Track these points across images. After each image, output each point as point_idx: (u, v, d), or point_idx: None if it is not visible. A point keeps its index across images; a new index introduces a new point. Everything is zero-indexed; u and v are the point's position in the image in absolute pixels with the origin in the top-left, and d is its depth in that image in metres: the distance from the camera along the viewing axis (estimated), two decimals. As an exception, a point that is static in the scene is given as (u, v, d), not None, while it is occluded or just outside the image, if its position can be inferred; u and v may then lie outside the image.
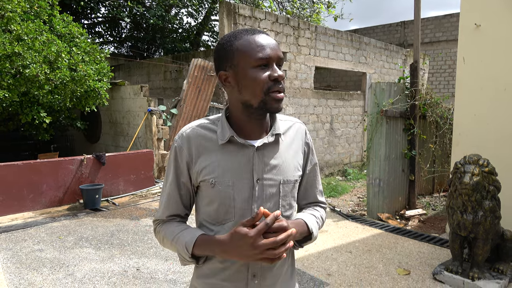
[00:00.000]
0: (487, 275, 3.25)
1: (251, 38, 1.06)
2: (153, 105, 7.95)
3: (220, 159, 1.10)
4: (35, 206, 5.73)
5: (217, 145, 1.11)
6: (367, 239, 4.53)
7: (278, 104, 1.07)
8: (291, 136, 1.21)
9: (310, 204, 1.30)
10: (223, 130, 1.11)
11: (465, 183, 3.03)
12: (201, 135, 1.13)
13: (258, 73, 1.05)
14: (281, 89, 1.07)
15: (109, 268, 3.70)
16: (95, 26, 14.70)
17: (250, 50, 1.05)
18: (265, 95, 1.05)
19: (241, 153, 1.10)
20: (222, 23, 7.20)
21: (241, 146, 1.11)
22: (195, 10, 14.69)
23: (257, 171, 1.10)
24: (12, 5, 6.19)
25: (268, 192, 1.12)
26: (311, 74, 8.81)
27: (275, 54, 1.06)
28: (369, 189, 5.55)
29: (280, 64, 1.09)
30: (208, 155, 1.11)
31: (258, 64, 1.05)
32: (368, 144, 5.56)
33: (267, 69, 1.06)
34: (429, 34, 15.24)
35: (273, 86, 1.05)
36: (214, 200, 1.11)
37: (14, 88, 6.19)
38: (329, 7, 14.35)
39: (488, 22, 4.06)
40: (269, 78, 1.05)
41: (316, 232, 1.19)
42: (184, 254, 1.09)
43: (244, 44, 1.06)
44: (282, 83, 1.07)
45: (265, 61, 1.05)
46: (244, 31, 1.09)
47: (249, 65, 1.05)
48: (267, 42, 1.07)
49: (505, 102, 3.99)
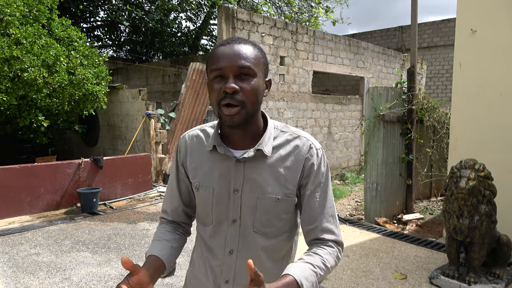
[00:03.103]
0: (484, 280, 3.25)
1: (215, 49, 1.07)
2: (151, 108, 7.96)
3: (205, 165, 1.15)
4: (32, 210, 5.72)
5: (206, 150, 1.16)
6: (364, 243, 4.53)
7: (230, 117, 1.02)
8: (286, 150, 1.12)
9: (315, 241, 1.14)
10: (212, 137, 1.14)
11: (461, 187, 3.05)
12: (198, 138, 1.19)
13: (214, 84, 1.04)
14: (233, 101, 1.01)
15: (106, 272, 3.69)
16: (94, 29, 14.74)
17: (210, 61, 1.06)
18: (218, 107, 1.05)
19: (223, 162, 1.12)
20: (221, 27, 7.24)
21: (224, 155, 1.11)
22: (194, 15, 14.75)
23: (234, 182, 1.11)
24: (11, 9, 6.21)
25: (245, 204, 1.11)
26: (309, 78, 8.84)
27: (231, 64, 1.02)
28: (367, 193, 5.56)
29: (242, 74, 1.03)
30: (198, 159, 1.18)
31: (214, 76, 1.04)
32: (366, 148, 5.57)
33: (222, 81, 1.03)
34: (427, 39, 15.32)
35: (223, 99, 1.02)
36: (199, 202, 1.19)
37: (12, 91, 6.19)
38: (327, 12, 14.42)
39: (484, 27, 4.09)
40: (220, 90, 1.03)
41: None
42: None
43: (210, 55, 1.08)
44: (235, 96, 1.01)
45: (218, 72, 1.03)
46: (223, 41, 1.09)
47: (209, 76, 1.06)
48: (226, 52, 1.04)
49: (501, 106, 4.01)
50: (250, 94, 1.03)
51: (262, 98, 1.10)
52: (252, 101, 1.04)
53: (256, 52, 1.07)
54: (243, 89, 1.02)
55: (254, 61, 1.05)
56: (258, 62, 1.06)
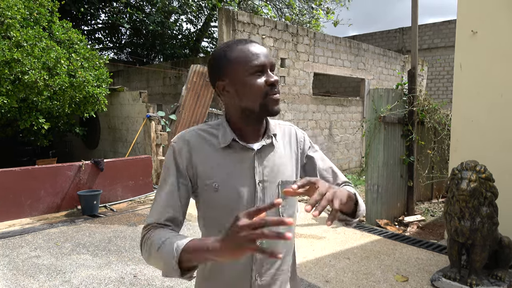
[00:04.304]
0: (485, 282, 3.24)
1: (244, 47, 1.12)
2: (152, 111, 7.96)
3: (222, 163, 1.13)
4: (33, 212, 5.72)
5: (217, 149, 1.14)
6: (365, 245, 4.51)
7: (277, 105, 1.14)
8: (284, 137, 1.26)
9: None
10: (225, 134, 1.14)
11: (462, 189, 3.03)
12: (202, 138, 1.16)
13: (255, 79, 1.10)
14: (277, 92, 1.14)
15: (106, 274, 3.68)
16: (95, 32, 14.77)
17: (245, 58, 1.10)
18: (264, 99, 1.11)
19: (242, 157, 1.14)
20: (221, 29, 7.24)
21: (241, 150, 1.14)
22: (195, 17, 14.77)
23: (258, 174, 1.14)
24: (12, 11, 6.22)
25: (269, 194, 1.15)
26: (310, 80, 8.84)
27: (269, 61, 1.12)
28: (368, 195, 5.55)
29: (272, 70, 1.14)
30: (209, 158, 1.13)
31: (254, 71, 1.10)
32: (367, 150, 5.56)
33: (263, 75, 1.11)
34: (428, 41, 15.31)
35: (270, 90, 1.11)
36: (217, 204, 1.12)
37: (13, 94, 6.20)
38: (328, 13, 14.43)
39: (485, 29, 4.08)
40: (266, 83, 1.10)
41: (361, 200, 1.15)
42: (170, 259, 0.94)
43: (239, 54, 1.11)
44: (277, 87, 1.14)
45: (260, 68, 1.10)
46: (237, 42, 1.14)
47: (246, 72, 1.10)
48: (260, 50, 1.12)
49: (502, 108, 4.00)
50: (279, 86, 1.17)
51: None
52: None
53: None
54: (278, 81, 1.15)
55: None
56: None
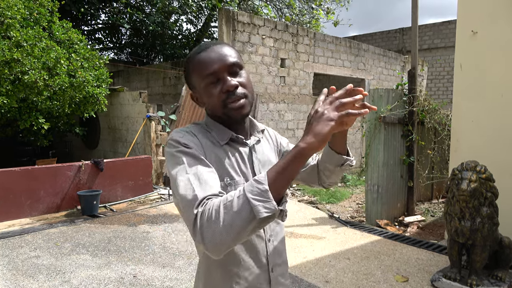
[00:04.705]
0: (486, 282, 3.23)
1: (197, 57, 1.07)
2: (152, 111, 7.96)
3: (226, 158, 1.10)
4: (33, 212, 5.71)
5: (217, 146, 1.11)
6: (365, 245, 4.51)
7: (240, 111, 1.07)
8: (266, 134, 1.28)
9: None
10: (221, 132, 1.12)
11: (462, 189, 3.03)
12: (203, 134, 1.11)
13: (211, 90, 1.06)
14: (238, 96, 1.05)
15: (105, 275, 3.68)
16: (95, 32, 14.77)
17: (199, 69, 1.07)
18: (223, 108, 1.07)
19: (239, 153, 1.13)
20: (221, 29, 7.24)
21: (239, 146, 1.14)
22: (195, 17, 14.77)
23: (257, 167, 1.15)
24: (12, 11, 6.22)
25: None
26: (310, 80, 8.83)
27: (223, 64, 1.05)
28: (368, 196, 5.54)
29: (234, 71, 1.07)
30: (214, 153, 1.08)
31: (209, 82, 1.06)
32: (367, 150, 5.55)
33: (219, 84, 1.06)
34: (428, 41, 15.31)
35: (228, 98, 1.05)
36: None
37: (12, 94, 6.20)
38: (328, 13, 14.43)
39: (485, 29, 4.07)
40: (221, 91, 1.05)
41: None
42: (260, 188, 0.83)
43: (195, 65, 1.08)
44: (237, 91, 1.05)
45: (213, 77, 1.05)
46: (195, 50, 1.09)
47: (202, 83, 1.07)
48: (211, 56, 1.06)
49: (502, 108, 3.99)
50: (247, 85, 1.09)
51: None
52: (250, 90, 1.11)
53: (233, 48, 1.12)
54: (240, 83, 1.07)
55: (236, 55, 1.10)
56: (239, 55, 1.12)
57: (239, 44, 7.35)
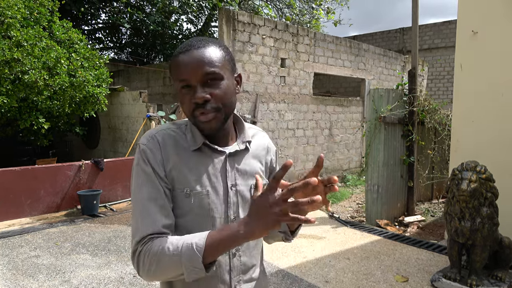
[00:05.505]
0: (486, 282, 3.23)
1: (176, 58, 1.02)
2: (152, 111, 7.96)
3: (192, 167, 1.04)
4: (33, 212, 5.71)
5: (188, 152, 1.05)
6: (365, 245, 4.51)
7: (206, 125, 1.01)
8: (257, 141, 1.19)
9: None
10: (194, 136, 1.06)
11: (462, 189, 3.03)
12: (172, 139, 1.05)
13: (183, 95, 1.02)
14: (207, 110, 0.99)
15: (105, 274, 3.68)
16: (96, 32, 14.76)
17: (174, 71, 1.02)
18: (192, 117, 1.03)
19: (213, 160, 1.07)
20: (222, 29, 7.23)
21: (212, 153, 1.07)
22: (195, 17, 14.76)
23: (230, 178, 1.07)
24: (12, 11, 6.22)
25: (242, 198, 1.09)
26: (310, 80, 8.83)
27: (196, 73, 0.98)
28: (368, 195, 5.54)
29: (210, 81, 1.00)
30: (179, 161, 1.03)
31: (181, 86, 1.01)
32: (367, 150, 5.55)
33: (190, 91, 1.00)
34: (428, 41, 15.30)
35: (196, 109, 1.00)
36: (188, 211, 1.03)
37: (13, 93, 6.19)
38: (328, 13, 14.42)
39: (485, 29, 4.07)
40: (191, 101, 1.01)
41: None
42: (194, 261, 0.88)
43: (172, 64, 1.03)
44: (207, 104, 0.99)
45: (184, 83, 1.00)
46: (178, 49, 1.03)
47: (177, 85, 1.03)
48: (186, 61, 0.99)
49: (502, 108, 3.99)
50: (222, 98, 1.01)
51: (235, 96, 1.08)
52: (226, 104, 1.03)
53: (218, 52, 1.02)
54: (214, 95, 1.00)
55: (218, 63, 1.01)
56: (223, 62, 1.02)
57: (239, 43, 7.34)
